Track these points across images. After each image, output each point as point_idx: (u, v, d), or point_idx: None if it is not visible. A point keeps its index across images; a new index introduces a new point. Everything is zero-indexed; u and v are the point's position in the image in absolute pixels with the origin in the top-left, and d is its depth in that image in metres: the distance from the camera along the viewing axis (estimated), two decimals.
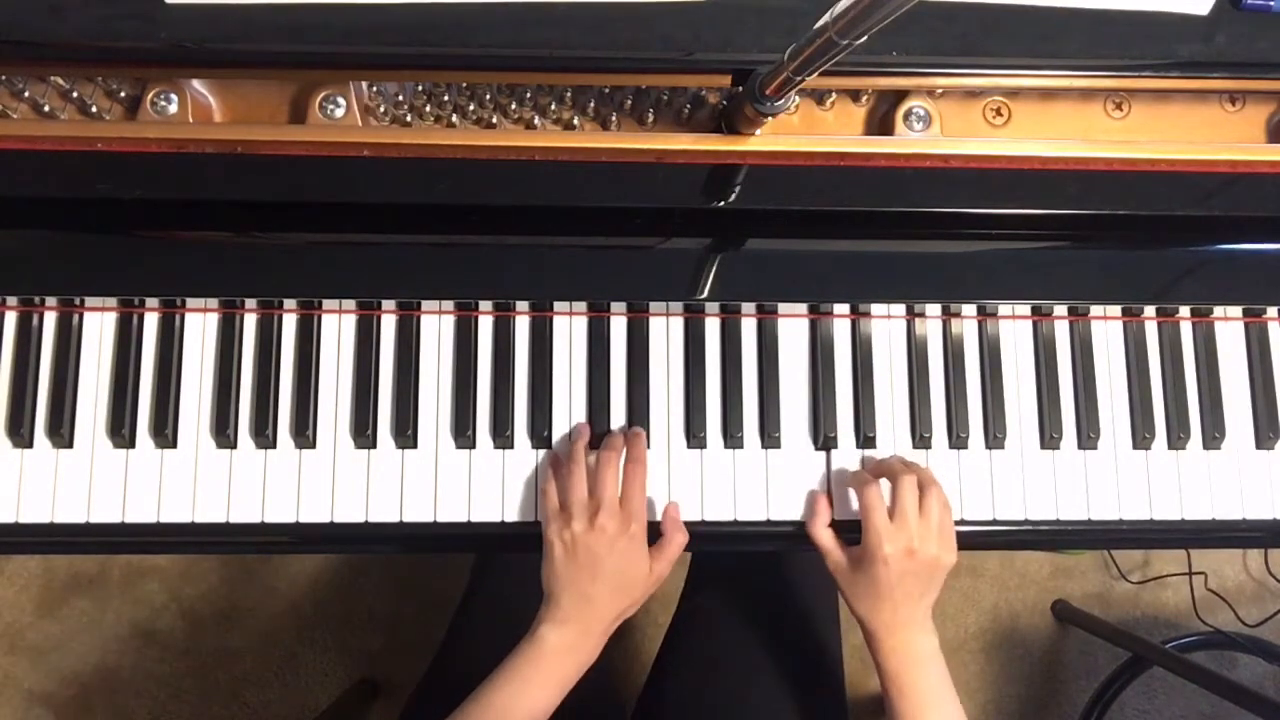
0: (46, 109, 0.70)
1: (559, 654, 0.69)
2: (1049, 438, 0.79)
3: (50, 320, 0.76)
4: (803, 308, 0.79)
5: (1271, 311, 0.82)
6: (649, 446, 0.77)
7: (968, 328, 0.80)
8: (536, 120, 0.71)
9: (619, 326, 0.79)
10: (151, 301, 0.76)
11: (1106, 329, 0.81)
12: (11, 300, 0.75)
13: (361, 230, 0.72)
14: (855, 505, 0.75)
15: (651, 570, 0.71)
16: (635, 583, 0.71)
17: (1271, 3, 0.67)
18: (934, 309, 0.80)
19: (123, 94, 0.71)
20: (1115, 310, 0.80)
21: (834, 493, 0.77)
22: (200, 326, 0.77)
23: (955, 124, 0.74)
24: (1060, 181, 0.72)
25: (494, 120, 0.72)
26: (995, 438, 0.79)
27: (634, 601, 0.72)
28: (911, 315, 0.80)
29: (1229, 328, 0.82)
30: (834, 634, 0.91)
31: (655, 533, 0.73)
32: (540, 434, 0.77)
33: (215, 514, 0.74)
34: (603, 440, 0.75)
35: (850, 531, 0.73)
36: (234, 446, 0.75)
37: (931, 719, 0.69)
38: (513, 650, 0.69)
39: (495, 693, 0.68)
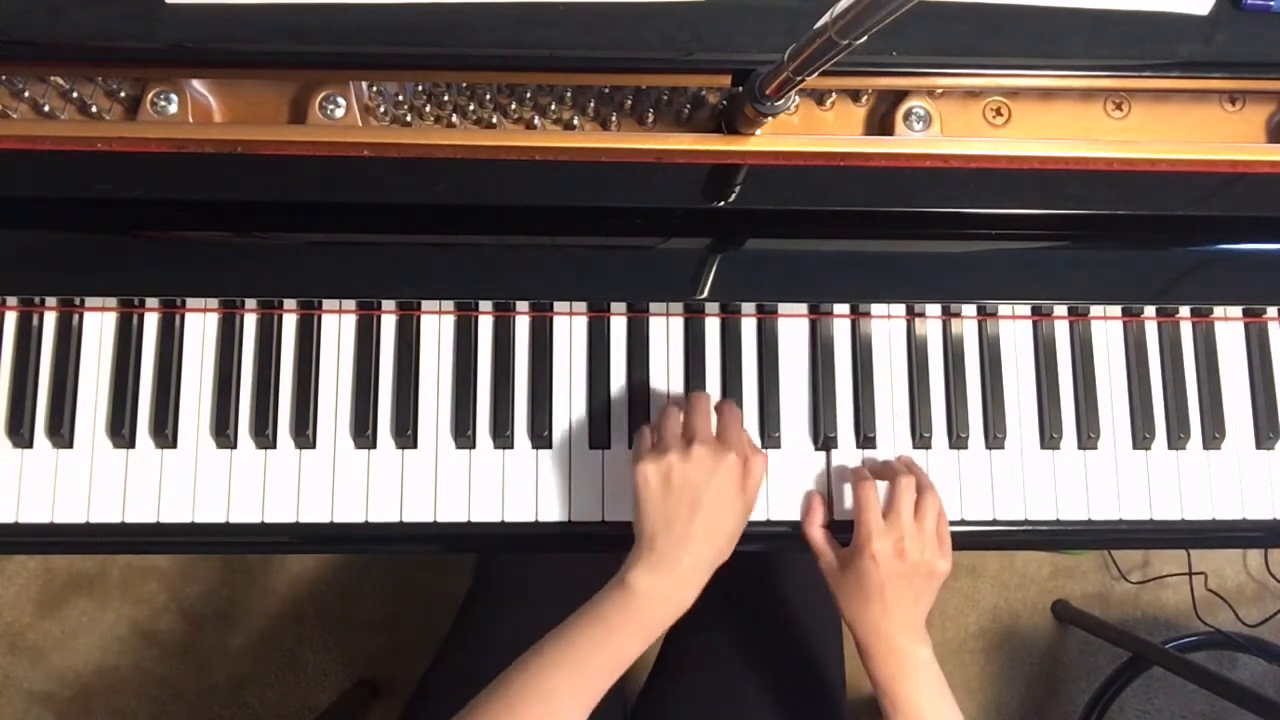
0: (46, 109, 0.70)
1: (651, 601, 0.63)
2: (1049, 438, 0.79)
3: (50, 320, 0.76)
4: (803, 308, 0.79)
5: (1271, 311, 0.82)
6: None
7: (968, 328, 0.80)
8: (536, 120, 0.71)
9: (619, 326, 0.79)
10: (151, 301, 0.76)
11: (1106, 329, 0.81)
12: (11, 300, 0.75)
13: (361, 230, 0.72)
14: (850, 504, 0.75)
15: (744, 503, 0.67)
16: (733, 521, 0.67)
17: (1271, 3, 0.67)
18: (934, 309, 0.79)
19: (123, 94, 0.71)
20: (1115, 310, 0.80)
21: (833, 493, 0.77)
22: (200, 326, 0.77)
23: (955, 124, 0.74)
24: (1060, 181, 0.72)
25: (494, 120, 0.72)
26: (995, 438, 0.79)
27: (731, 540, 0.67)
28: (911, 315, 0.80)
29: (1229, 328, 0.82)
30: (834, 637, 0.91)
31: None
32: (540, 434, 0.77)
33: (215, 514, 0.74)
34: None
35: (846, 533, 0.73)
36: (234, 446, 0.75)
37: None
38: (598, 594, 0.64)
39: (579, 635, 0.62)
